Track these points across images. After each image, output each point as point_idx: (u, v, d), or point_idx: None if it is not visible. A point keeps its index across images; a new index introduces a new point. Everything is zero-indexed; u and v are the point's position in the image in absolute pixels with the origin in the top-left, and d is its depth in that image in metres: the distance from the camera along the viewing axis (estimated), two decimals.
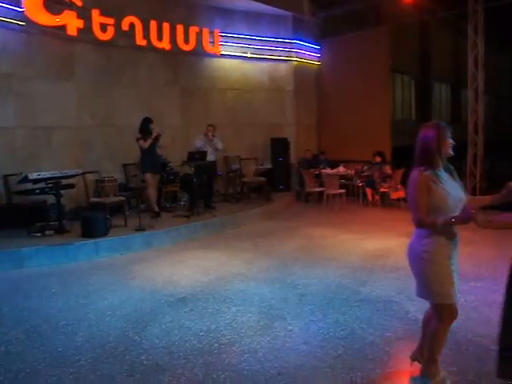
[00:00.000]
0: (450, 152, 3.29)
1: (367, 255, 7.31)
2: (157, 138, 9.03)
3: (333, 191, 11.43)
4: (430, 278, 3.28)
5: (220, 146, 10.25)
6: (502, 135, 18.34)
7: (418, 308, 4.85)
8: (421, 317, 3.89)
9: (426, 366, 3.48)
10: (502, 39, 18.52)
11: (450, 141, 3.28)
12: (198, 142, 10.08)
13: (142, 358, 4.20)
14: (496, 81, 21.28)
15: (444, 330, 3.38)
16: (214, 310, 5.26)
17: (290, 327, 4.75)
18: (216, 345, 4.41)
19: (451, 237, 3.27)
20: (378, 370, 3.83)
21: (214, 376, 3.85)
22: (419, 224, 3.24)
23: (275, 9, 12.25)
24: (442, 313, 3.34)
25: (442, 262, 3.26)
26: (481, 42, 10.69)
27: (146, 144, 8.94)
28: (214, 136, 10.21)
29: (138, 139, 9.01)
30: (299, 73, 13.45)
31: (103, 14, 9.65)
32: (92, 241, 7.49)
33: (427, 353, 3.46)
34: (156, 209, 9.29)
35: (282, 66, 13.25)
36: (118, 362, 4.13)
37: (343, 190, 11.65)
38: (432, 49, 19.26)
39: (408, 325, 4.69)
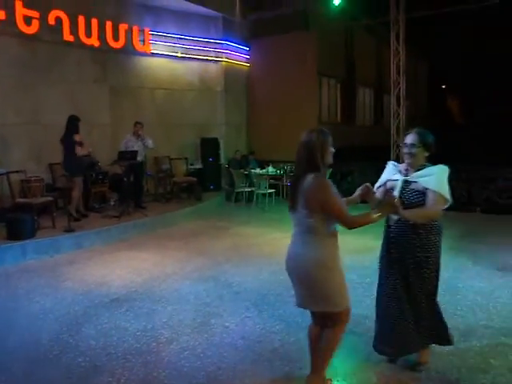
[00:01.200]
0: (331, 160, 3.32)
1: None
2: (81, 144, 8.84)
3: (262, 191, 11.64)
4: (336, 285, 3.26)
5: (150, 144, 10.13)
6: None
7: None
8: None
9: (316, 376, 3.49)
10: (421, 47, 19.59)
11: (332, 149, 3.32)
12: (127, 141, 9.93)
13: (79, 360, 4.15)
14: (415, 86, 22.46)
15: (341, 334, 3.42)
16: (150, 309, 5.26)
17: (226, 324, 4.85)
18: (154, 344, 4.44)
19: (337, 241, 3.33)
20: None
21: (155, 374, 3.89)
22: (353, 225, 3.19)
23: (205, 9, 12.31)
24: (343, 318, 3.35)
25: (341, 268, 3.31)
26: (402, 50, 11.29)
27: (84, 151, 8.81)
28: (141, 134, 10.06)
29: (77, 142, 8.73)
30: (229, 73, 13.58)
31: (27, 6, 9.28)
32: (19, 243, 7.22)
33: (321, 361, 3.46)
34: (82, 210, 9.11)
35: (212, 67, 13.32)
36: (53, 366, 4.06)
37: (273, 190, 11.89)
38: (357, 54, 20.00)
39: None
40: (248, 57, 14.17)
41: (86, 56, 10.72)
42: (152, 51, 11.93)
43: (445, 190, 3.56)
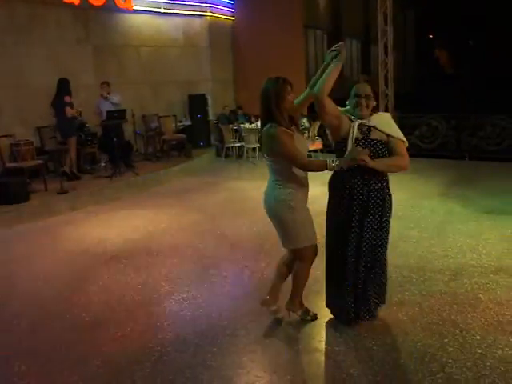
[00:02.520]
0: (292, 108, 3.46)
1: None
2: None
3: (252, 145, 11.64)
4: (298, 223, 3.52)
5: (115, 99, 9.91)
6: (409, 88, 19.40)
7: None
8: None
9: (290, 301, 3.85)
10: None
11: (290, 97, 3.40)
12: (99, 104, 9.81)
13: (83, 315, 4.26)
14: (403, 37, 22.19)
15: (308, 268, 3.74)
16: (149, 263, 5.37)
17: (224, 273, 4.98)
18: (155, 296, 4.55)
19: (305, 183, 3.59)
20: (311, 303, 4.14)
21: (158, 324, 4.02)
22: (307, 167, 3.44)
23: None
24: (307, 254, 3.64)
25: (304, 207, 3.60)
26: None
27: (72, 111, 8.76)
28: (108, 93, 9.91)
29: (68, 104, 8.69)
30: (214, 28, 13.34)
31: None
32: (12, 207, 7.24)
33: (293, 290, 3.80)
34: (76, 172, 9.12)
35: (197, 22, 13.06)
36: (58, 322, 4.17)
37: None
38: (343, 5, 19.72)
39: None
40: (233, 10, 13.87)
41: (66, 15, 10.43)
42: (134, 7, 11.61)
43: (404, 139, 3.59)
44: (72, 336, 3.91)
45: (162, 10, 12.19)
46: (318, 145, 11.33)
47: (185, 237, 6.28)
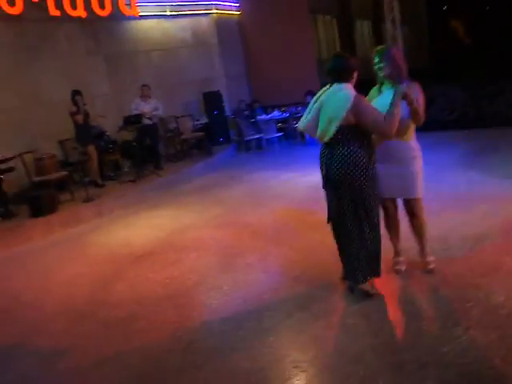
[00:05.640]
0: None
1: (310, 188, 7.60)
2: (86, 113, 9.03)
3: (270, 135, 11.69)
4: (421, 173, 3.97)
5: (160, 113, 10.30)
6: (426, 63, 19.11)
7: None
8: None
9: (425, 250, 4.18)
10: None
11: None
12: (136, 105, 10.02)
13: (115, 312, 4.42)
14: (414, 11, 21.84)
15: None
16: (174, 259, 5.49)
17: (248, 261, 5.06)
18: (182, 288, 4.68)
19: None
20: (335, 280, 4.20)
21: (187, 314, 4.13)
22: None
23: None
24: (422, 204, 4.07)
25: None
26: None
27: (80, 119, 8.91)
28: (149, 96, 10.16)
29: (73, 113, 8.91)
30: (221, 24, 13.42)
31: None
32: (42, 219, 7.48)
33: (424, 240, 4.14)
34: (99, 181, 9.33)
35: (203, 20, 13.16)
36: (91, 321, 4.33)
37: (281, 133, 11.94)
38: None
39: None
40: (238, 5, 13.92)
41: (75, 29, 10.65)
42: (140, 14, 11.77)
43: None
44: (104, 332, 4.06)
45: (168, 13, 12.33)
46: None
47: (208, 230, 6.39)
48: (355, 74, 3.79)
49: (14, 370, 3.75)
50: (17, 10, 9.36)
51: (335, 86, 3.72)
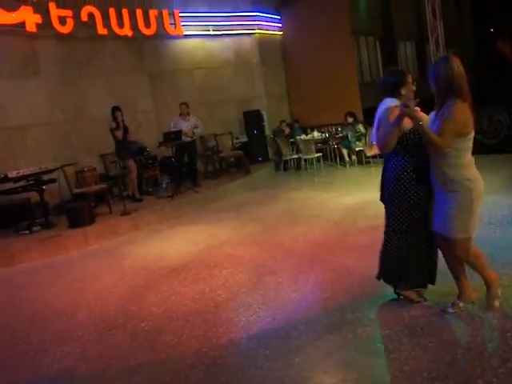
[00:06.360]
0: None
1: (349, 209, 7.54)
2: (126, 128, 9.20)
3: (309, 156, 11.64)
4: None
5: (199, 131, 10.39)
6: (471, 84, 18.69)
7: None
8: None
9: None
10: None
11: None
12: (175, 123, 10.16)
13: (143, 325, 4.40)
14: (460, 32, 21.55)
15: None
16: (207, 274, 5.46)
17: (279, 280, 4.98)
18: (212, 304, 4.63)
19: None
20: (366, 304, 4.07)
21: (214, 330, 4.07)
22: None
23: None
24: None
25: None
26: None
27: (120, 135, 9.09)
28: (188, 114, 10.30)
29: (113, 129, 9.11)
30: (263, 44, 13.54)
31: (60, 6, 9.57)
32: (80, 230, 7.61)
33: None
34: (137, 195, 9.45)
35: (246, 40, 13.32)
36: (119, 332, 4.33)
37: (320, 154, 11.87)
38: (393, 7, 19.42)
39: None
40: (280, 25, 14.04)
41: (121, 47, 10.99)
42: (184, 33, 12.03)
43: None
44: (131, 344, 4.04)
45: (212, 33, 12.54)
46: (376, 149, 11.10)
47: (242, 248, 6.34)
48: (403, 90, 3.72)
49: (40, 375, 3.77)
50: (67, 28, 9.71)
51: (384, 100, 3.76)
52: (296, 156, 12.18)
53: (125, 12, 10.72)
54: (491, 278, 3.67)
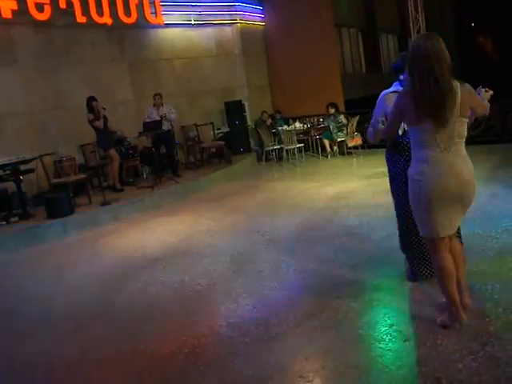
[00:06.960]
0: None
1: (330, 199, 7.54)
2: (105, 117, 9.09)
3: (291, 146, 11.63)
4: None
5: (173, 117, 10.20)
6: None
7: (379, 237, 5.20)
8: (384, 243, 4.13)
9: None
10: None
11: None
12: (150, 114, 10.03)
13: (121, 314, 4.37)
14: (440, 26, 21.68)
15: None
16: (187, 264, 5.42)
17: (260, 268, 4.96)
18: (191, 293, 4.60)
19: None
20: (347, 291, 4.07)
21: (193, 319, 4.05)
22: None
23: None
24: None
25: None
26: None
27: (101, 124, 8.97)
28: (162, 104, 10.18)
29: (92, 120, 8.97)
30: (245, 35, 13.44)
31: None
32: (58, 220, 7.49)
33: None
34: (118, 185, 9.34)
35: (228, 30, 13.21)
36: (98, 322, 4.28)
37: (302, 145, 11.86)
38: (376, 0, 19.49)
39: (374, 249, 4.99)
40: (262, 16, 13.96)
41: (100, 36, 10.78)
42: (165, 22, 11.87)
43: None
44: (111, 334, 4.00)
45: (193, 22, 12.41)
46: (358, 140, 11.18)
47: (222, 237, 6.31)
48: (401, 75, 3.75)
49: (14, 364, 3.70)
50: (45, 15, 9.48)
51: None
52: (278, 147, 12.14)
53: (104, 0, 10.53)
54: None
